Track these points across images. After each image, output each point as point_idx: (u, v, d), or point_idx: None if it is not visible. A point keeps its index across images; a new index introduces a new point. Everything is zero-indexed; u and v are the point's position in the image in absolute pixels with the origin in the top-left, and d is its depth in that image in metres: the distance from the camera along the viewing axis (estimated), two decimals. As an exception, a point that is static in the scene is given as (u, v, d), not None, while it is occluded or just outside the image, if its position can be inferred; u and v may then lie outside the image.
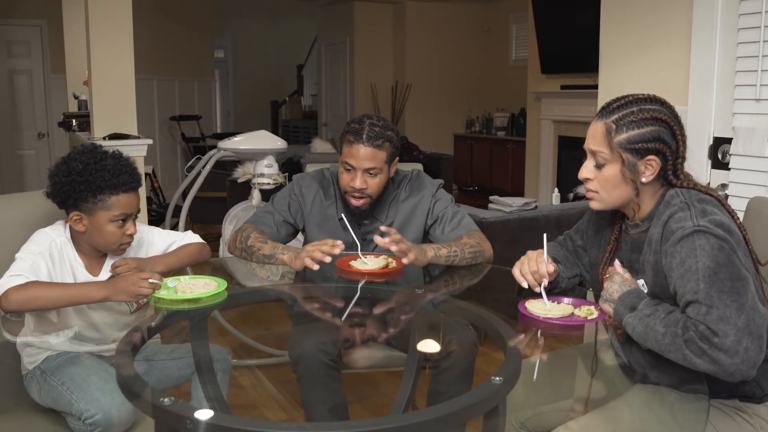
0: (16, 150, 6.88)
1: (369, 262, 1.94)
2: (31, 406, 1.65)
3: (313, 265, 1.83)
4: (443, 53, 8.72)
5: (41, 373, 1.62)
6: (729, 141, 2.35)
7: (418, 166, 2.70)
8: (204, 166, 4.11)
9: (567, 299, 1.64)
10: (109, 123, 3.64)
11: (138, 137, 3.66)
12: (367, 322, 1.94)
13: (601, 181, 1.48)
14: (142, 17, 4.51)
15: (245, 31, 11.64)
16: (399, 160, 2.15)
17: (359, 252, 2.00)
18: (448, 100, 8.88)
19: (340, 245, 1.84)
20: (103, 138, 3.56)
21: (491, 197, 3.65)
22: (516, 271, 1.68)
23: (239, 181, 3.87)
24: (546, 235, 1.67)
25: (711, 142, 2.41)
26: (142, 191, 2.68)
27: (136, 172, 1.78)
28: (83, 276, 1.77)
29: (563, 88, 6.76)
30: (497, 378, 1.19)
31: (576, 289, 1.76)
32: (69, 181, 1.70)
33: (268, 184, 3.69)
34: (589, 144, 1.49)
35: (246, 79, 11.90)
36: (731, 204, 1.47)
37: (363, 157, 2.01)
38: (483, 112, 8.78)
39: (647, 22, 2.54)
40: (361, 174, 2.03)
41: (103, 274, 1.80)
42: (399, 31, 8.73)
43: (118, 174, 1.71)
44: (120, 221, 1.73)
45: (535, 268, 1.64)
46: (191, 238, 1.99)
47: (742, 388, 1.41)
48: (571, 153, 6.88)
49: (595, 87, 2.78)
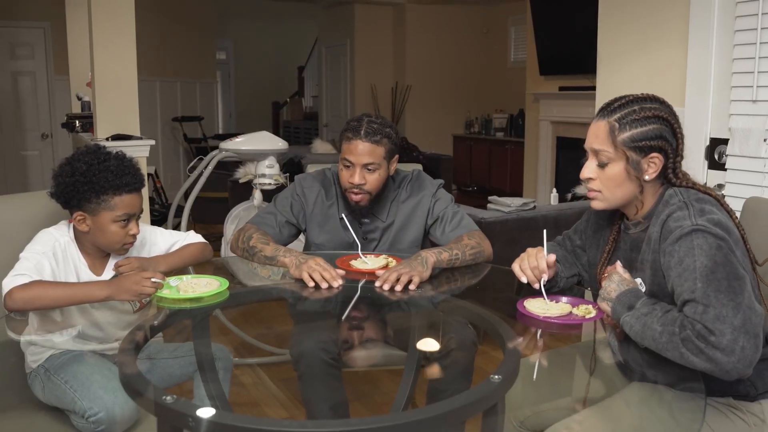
0: (20, 151, 6.88)
1: (369, 262, 1.94)
2: (34, 404, 1.65)
3: (309, 282, 1.81)
4: (443, 55, 8.72)
5: (45, 372, 1.62)
6: (725, 142, 2.35)
7: (418, 167, 2.69)
8: (206, 167, 4.11)
9: (565, 298, 1.64)
10: (112, 124, 3.64)
11: (140, 138, 3.66)
12: (367, 322, 1.94)
13: (605, 180, 1.48)
14: (145, 19, 4.51)
15: (246, 33, 11.64)
16: (399, 161, 2.16)
17: (359, 251, 2.00)
18: (448, 101, 8.88)
19: (340, 282, 1.81)
20: (106, 139, 3.56)
21: (490, 197, 3.65)
22: (516, 266, 1.68)
23: (241, 181, 3.87)
24: (546, 231, 1.67)
25: (707, 143, 2.41)
26: (144, 191, 2.68)
27: (139, 173, 1.78)
28: (87, 275, 1.77)
29: (561, 89, 6.76)
30: (496, 376, 1.19)
31: (574, 289, 1.76)
32: (73, 182, 1.70)
33: (270, 184, 3.70)
34: (591, 143, 1.49)
35: (247, 80, 11.90)
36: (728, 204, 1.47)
37: (361, 152, 2.01)
38: (482, 113, 8.78)
39: (644, 25, 2.54)
40: (360, 169, 2.03)
41: (107, 273, 1.80)
42: (399, 33, 8.73)
43: (121, 175, 1.71)
44: (123, 221, 1.73)
45: (534, 264, 1.64)
46: (193, 237, 1.99)
47: (737, 386, 1.41)
48: (569, 154, 6.88)
49: (593, 88, 2.79)
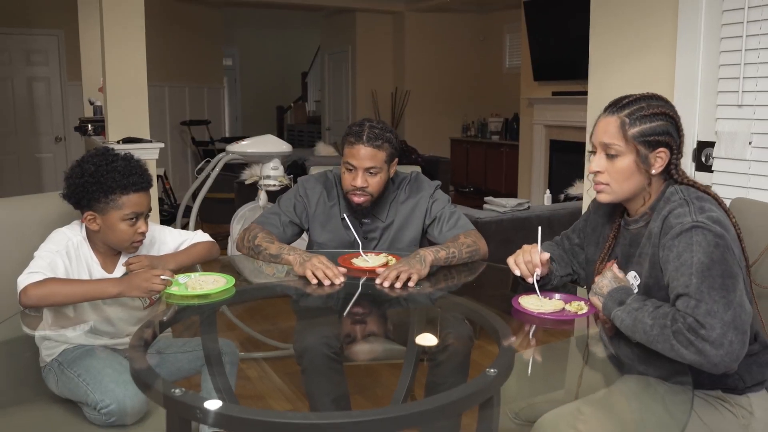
0: (35, 153, 6.89)
1: (370, 260, 1.94)
2: (48, 396, 1.65)
3: (312, 279, 1.81)
4: (440, 61, 8.72)
5: (58, 365, 1.62)
6: (712, 144, 2.35)
7: (417, 169, 2.69)
8: (213, 169, 4.10)
9: (558, 295, 1.64)
10: (123, 127, 3.64)
11: (150, 141, 3.66)
12: (368, 317, 1.94)
13: (613, 173, 1.47)
14: (154, 27, 4.51)
15: (252, 40, 11.65)
16: (398, 163, 2.16)
17: (360, 250, 2.00)
18: (445, 105, 8.88)
19: (342, 280, 1.82)
20: (117, 142, 3.56)
21: (486, 198, 3.66)
22: (511, 260, 1.68)
23: (246, 182, 3.87)
24: (540, 228, 1.67)
25: (695, 146, 2.41)
26: (154, 192, 2.68)
27: (146, 173, 1.78)
28: (99, 273, 1.77)
29: (554, 94, 6.76)
30: (492, 370, 1.19)
31: (567, 286, 1.76)
32: (82, 183, 1.70)
33: (274, 185, 3.70)
34: (600, 138, 1.48)
35: (253, 85, 11.91)
36: None
37: (363, 156, 2.01)
38: (478, 117, 8.78)
39: (634, 32, 2.54)
40: (362, 173, 2.03)
41: (118, 271, 1.80)
42: (398, 40, 8.73)
43: (128, 175, 1.71)
44: (131, 220, 1.73)
45: (528, 259, 1.64)
46: (201, 237, 1.99)
47: (726, 380, 1.42)
48: (562, 156, 6.88)
49: (585, 93, 2.78)
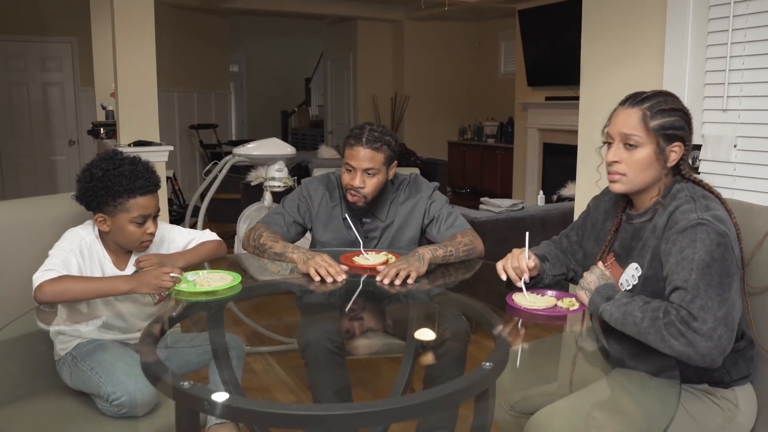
0: (50, 156, 6.88)
1: (370, 258, 1.94)
2: (62, 388, 1.65)
3: (315, 276, 1.81)
4: (438, 67, 8.72)
5: (72, 359, 1.62)
6: (698, 147, 2.35)
7: (415, 171, 2.69)
8: (220, 171, 4.11)
9: (550, 292, 1.64)
10: (133, 131, 3.63)
11: (160, 144, 3.66)
12: (369, 313, 1.93)
13: (632, 163, 1.46)
14: (164, 35, 4.51)
15: (257, 48, 11.64)
16: (398, 165, 2.15)
17: (361, 248, 2.00)
18: (443, 110, 8.87)
19: (344, 277, 1.81)
20: (128, 145, 3.56)
21: (482, 199, 3.65)
22: (499, 265, 1.68)
23: (252, 184, 3.87)
24: (528, 234, 1.67)
25: (682, 149, 2.41)
26: (163, 193, 2.68)
27: (154, 175, 1.76)
28: (111, 270, 1.77)
29: (548, 99, 6.76)
30: (487, 363, 1.19)
31: (561, 283, 1.76)
32: (91, 187, 1.70)
33: (279, 186, 3.69)
34: (620, 128, 1.46)
35: (258, 91, 11.90)
36: None
37: (362, 158, 2.01)
38: (474, 121, 8.78)
39: (624, 40, 2.54)
40: (360, 173, 2.03)
41: (129, 268, 1.80)
42: (398, 47, 8.72)
43: (134, 179, 1.70)
44: (140, 221, 1.73)
45: (516, 264, 1.64)
46: (209, 236, 1.99)
47: (713, 374, 1.42)
48: (554, 159, 6.88)
49: (577, 98, 2.78)
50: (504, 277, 1.65)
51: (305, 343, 1.81)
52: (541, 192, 4.50)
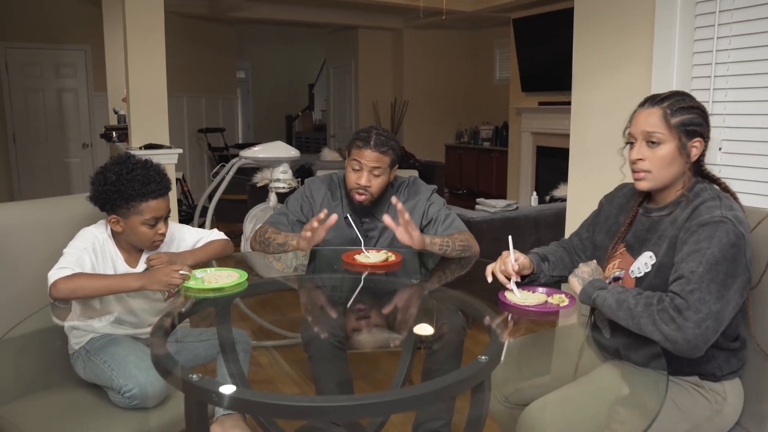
0: (64, 158, 6.89)
1: (371, 256, 1.94)
2: (76, 381, 1.65)
3: (311, 234, 1.90)
4: (436, 74, 8.72)
5: (86, 353, 1.62)
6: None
7: (414, 173, 2.70)
8: (227, 173, 4.10)
9: (542, 288, 1.65)
10: (144, 135, 3.64)
11: (170, 147, 3.65)
12: (370, 309, 1.93)
13: (655, 160, 1.45)
14: (174, 43, 4.51)
15: (263, 55, 11.64)
16: (398, 167, 2.16)
17: (362, 247, 2.00)
18: (441, 114, 8.87)
19: (320, 217, 1.89)
20: (139, 148, 3.56)
21: (478, 199, 3.65)
22: (488, 269, 1.68)
23: (258, 185, 3.86)
24: (511, 237, 1.66)
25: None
26: (173, 194, 2.67)
27: (165, 178, 1.76)
28: (123, 268, 1.77)
29: (541, 104, 6.76)
30: (483, 357, 1.19)
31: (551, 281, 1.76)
32: (104, 191, 1.70)
33: (283, 187, 3.69)
34: (642, 127, 1.46)
35: (264, 96, 11.90)
36: None
37: (370, 158, 2.03)
38: (471, 125, 8.78)
39: (614, 47, 2.54)
40: (367, 173, 2.04)
41: (140, 266, 1.80)
42: (397, 54, 8.72)
43: (146, 183, 1.70)
44: (151, 223, 1.73)
45: (503, 268, 1.65)
46: (217, 235, 1.99)
47: (705, 367, 1.42)
48: (547, 161, 6.88)
49: (569, 103, 2.78)
50: (490, 280, 1.65)
51: (309, 338, 1.81)
52: (534, 193, 4.49)
